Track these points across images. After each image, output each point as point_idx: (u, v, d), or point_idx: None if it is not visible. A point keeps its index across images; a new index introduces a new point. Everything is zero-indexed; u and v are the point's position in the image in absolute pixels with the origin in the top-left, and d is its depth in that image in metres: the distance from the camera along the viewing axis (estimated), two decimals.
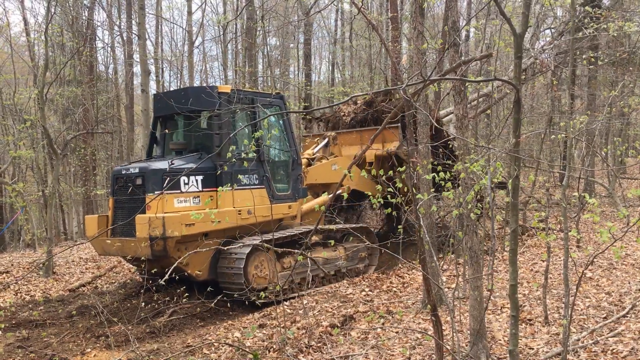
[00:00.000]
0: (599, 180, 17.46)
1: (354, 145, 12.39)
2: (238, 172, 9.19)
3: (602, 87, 17.07)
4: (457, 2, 6.56)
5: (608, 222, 3.84)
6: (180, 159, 9.18)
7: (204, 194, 9.06)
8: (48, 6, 13.56)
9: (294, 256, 9.24)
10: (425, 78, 4.24)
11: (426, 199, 5.04)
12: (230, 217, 8.96)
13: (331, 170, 11.64)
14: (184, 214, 8.43)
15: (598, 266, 9.44)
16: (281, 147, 10.64)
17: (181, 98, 9.45)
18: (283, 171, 10.44)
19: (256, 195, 9.48)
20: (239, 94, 9.59)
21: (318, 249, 10.22)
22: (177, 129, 10.27)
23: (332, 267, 10.29)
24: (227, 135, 9.11)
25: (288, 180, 10.41)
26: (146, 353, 7.02)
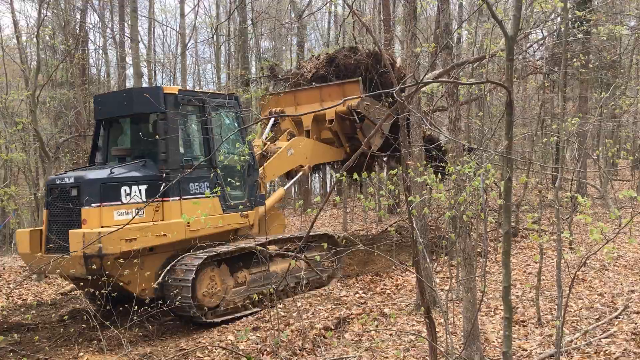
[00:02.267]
0: (591, 182, 17.55)
1: (314, 103, 11.83)
2: (187, 180, 8.58)
3: (593, 89, 17.16)
4: (450, 5, 6.58)
5: (600, 223, 3.86)
6: (122, 166, 8.35)
7: (149, 205, 8.22)
8: (39, 8, 13.51)
9: (249, 270, 8.86)
10: (418, 81, 4.25)
11: (418, 201, 5.04)
12: (177, 229, 8.21)
13: (287, 157, 10.92)
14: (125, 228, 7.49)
15: (591, 267, 9.49)
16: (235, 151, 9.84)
17: (123, 100, 8.85)
18: (238, 177, 9.59)
19: (207, 204, 8.65)
20: (187, 96, 8.89)
21: (277, 259, 9.39)
22: (122, 134, 9.52)
23: (291, 279, 9.51)
24: (173, 140, 8.47)
25: (244, 187, 9.65)
26: (139, 357, 6.99)
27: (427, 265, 6.67)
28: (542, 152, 19.27)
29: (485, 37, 11.60)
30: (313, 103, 11.78)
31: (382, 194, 5.71)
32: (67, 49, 19.74)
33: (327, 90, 11.67)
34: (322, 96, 11.72)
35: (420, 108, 9.82)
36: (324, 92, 11.75)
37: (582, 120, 9.55)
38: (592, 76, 15.94)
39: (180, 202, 8.51)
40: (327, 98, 11.56)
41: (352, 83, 11.36)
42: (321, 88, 11.86)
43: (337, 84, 11.64)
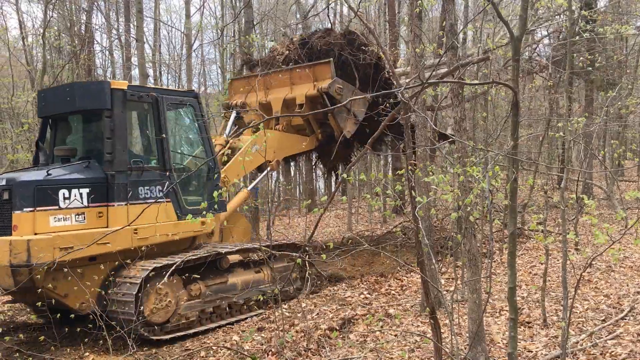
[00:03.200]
0: (597, 183, 17.49)
1: (284, 87, 11.11)
2: (136, 183, 7.90)
3: (599, 89, 17.11)
4: (455, 5, 6.57)
5: (605, 224, 3.85)
6: (63, 167, 7.70)
7: (91, 210, 7.56)
8: (45, 10, 13.57)
9: (205, 282, 8.19)
10: (423, 81, 4.24)
11: (425, 202, 5.04)
12: (122, 237, 7.49)
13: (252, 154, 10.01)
14: (59, 236, 7.07)
15: (596, 269, 9.45)
16: (194, 153, 9.30)
17: (66, 95, 8.10)
18: (196, 181, 9.02)
19: (159, 210, 7.95)
20: (137, 91, 8.17)
21: (238, 270, 8.79)
22: (70, 133, 8.83)
23: (253, 293, 8.68)
24: (121, 140, 7.77)
25: (202, 191, 8.91)
26: (144, 357, 7.01)
27: (432, 266, 6.66)
28: (548, 152, 19.23)
29: (490, 37, 11.58)
30: (283, 87, 11.11)
31: (388, 194, 5.70)
32: (73, 50, 19.81)
33: (298, 73, 10.95)
34: (292, 79, 11.04)
35: (425, 108, 9.81)
36: (294, 75, 11.04)
37: (587, 121, 9.52)
38: (598, 76, 15.89)
39: (127, 208, 7.77)
40: (298, 81, 10.94)
41: (323, 65, 10.71)
42: (291, 71, 11.13)
43: (307, 66, 10.98)
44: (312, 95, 10.58)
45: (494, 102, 12.48)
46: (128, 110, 8.06)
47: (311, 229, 9.50)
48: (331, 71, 10.50)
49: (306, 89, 10.66)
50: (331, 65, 10.54)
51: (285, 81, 11.07)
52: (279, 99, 10.91)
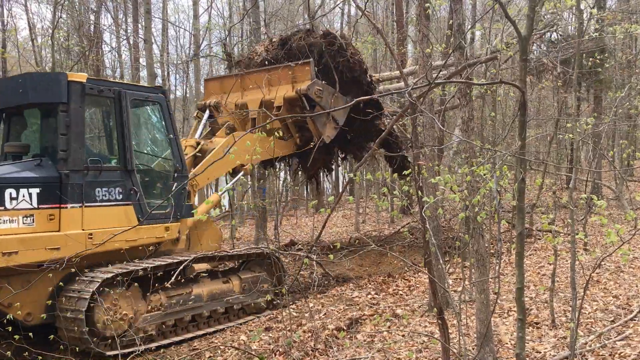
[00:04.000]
0: (606, 183, 17.39)
1: (261, 88, 10.61)
2: (93, 184, 7.32)
3: (608, 89, 17.02)
4: (462, 5, 6.56)
5: (616, 224, 3.83)
6: (12, 165, 7.15)
7: (41, 213, 6.94)
8: (54, 10, 13.64)
9: (167, 292, 7.61)
10: (431, 81, 4.24)
11: (432, 201, 5.03)
12: (75, 242, 6.92)
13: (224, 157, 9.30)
14: (3, 239, 6.53)
15: (605, 269, 9.40)
16: (160, 153, 8.74)
17: (19, 87, 7.53)
18: (161, 184, 8.42)
19: (118, 214, 7.51)
20: (98, 85, 7.58)
21: (204, 280, 8.24)
22: (26, 128, 8.28)
23: (220, 304, 8.24)
24: (77, 137, 7.20)
25: (168, 195, 8.30)
26: (152, 356, 7.04)
27: (439, 266, 6.65)
28: (557, 153, 19.15)
29: (497, 36, 11.54)
30: (260, 88, 10.57)
31: (395, 194, 5.70)
32: (82, 51, 19.91)
33: (276, 74, 10.44)
34: (270, 80, 10.53)
35: (434, 108, 9.78)
36: (272, 76, 10.52)
37: (596, 121, 9.48)
38: (606, 76, 15.81)
39: (82, 210, 7.18)
40: (276, 82, 10.45)
41: (303, 65, 10.25)
42: (270, 71, 10.63)
43: (286, 67, 10.46)
44: (290, 97, 10.14)
45: (502, 101, 12.45)
46: (87, 105, 7.48)
47: (319, 229, 9.43)
48: (311, 72, 10.10)
49: (284, 90, 10.25)
50: (311, 66, 10.14)
51: (262, 82, 10.58)
52: (256, 101, 10.40)
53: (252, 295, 8.61)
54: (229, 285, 8.51)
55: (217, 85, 11.26)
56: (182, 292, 7.81)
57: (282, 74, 10.42)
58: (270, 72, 10.62)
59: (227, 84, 10.98)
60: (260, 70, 10.86)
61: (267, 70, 10.72)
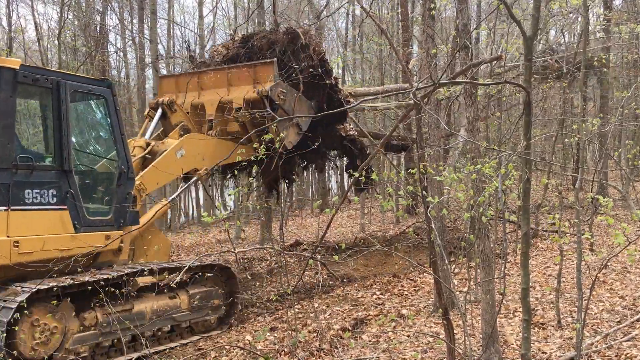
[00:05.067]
0: (612, 183, 17.33)
1: (220, 88, 9.85)
2: (22, 184, 6.47)
3: (614, 89, 16.96)
4: (468, 5, 6.55)
5: (622, 224, 3.82)
6: None
7: None
8: (61, 11, 13.71)
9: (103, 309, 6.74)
10: (435, 81, 4.24)
11: (436, 202, 5.02)
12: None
13: (176, 160, 8.69)
14: None
15: (612, 270, 9.36)
16: (103, 153, 7.92)
17: None
18: (103, 187, 7.63)
19: (51, 219, 6.70)
20: (32, 73, 6.72)
21: (148, 295, 7.41)
22: None
23: (165, 322, 7.48)
24: (6, 130, 6.41)
25: (110, 199, 7.46)
26: (158, 356, 7.06)
27: (445, 266, 6.64)
28: (563, 153, 19.10)
29: (504, 37, 11.52)
30: (219, 88, 9.82)
31: (400, 195, 5.69)
32: (88, 51, 19.99)
33: (236, 73, 9.74)
34: (229, 80, 9.79)
35: (441, 109, 9.77)
36: (232, 75, 9.80)
37: (602, 121, 9.44)
38: (612, 76, 15.75)
39: (8, 214, 6.33)
40: (236, 82, 9.75)
41: (265, 65, 9.58)
42: (229, 70, 9.89)
43: (247, 66, 9.82)
44: (251, 98, 9.38)
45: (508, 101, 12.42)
46: (19, 95, 6.69)
47: (324, 230, 9.41)
48: (274, 73, 9.44)
49: (245, 91, 9.54)
50: (274, 65, 9.50)
51: (221, 82, 9.87)
52: (214, 101, 9.69)
53: (201, 312, 7.90)
54: (176, 301, 7.69)
55: (173, 84, 10.45)
56: (122, 309, 6.93)
57: (242, 73, 9.75)
58: (230, 71, 9.89)
59: (183, 82, 10.27)
60: (219, 69, 10.14)
61: (227, 68, 9.98)
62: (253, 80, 9.58)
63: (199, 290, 7.99)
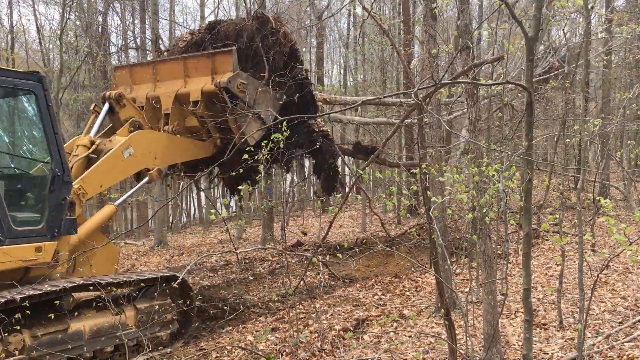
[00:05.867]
0: (614, 184, 17.32)
1: (177, 79, 9.05)
2: None
3: (616, 89, 16.95)
4: (469, 5, 6.55)
5: (623, 224, 3.82)
6: None
7: None
8: (63, 12, 13.72)
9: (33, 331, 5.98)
10: (437, 82, 4.24)
11: (440, 202, 5.02)
12: None
13: (123, 160, 7.81)
14: None
15: (613, 270, 9.36)
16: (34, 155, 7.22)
17: None
18: (33, 193, 6.83)
19: None
20: None
21: (88, 312, 6.49)
22: None
23: (106, 342, 6.61)
24: None
25: (42, 206, 6.65)
26: (160, 356, 7.06)
27: (447, 267, 6.64)
28: (564, 153, 19.09)
29: (506, 37, 11.51)
30: (176, 79, 9.05)
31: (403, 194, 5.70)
32: (89, 52, 20.02)
33: (194, 64, 8.95)
34: (187, 70, 8.99)
35: (440, 109, 9.75)
36: (189, 65, 8.99)
37: (604, 121, 9.44)
38: (614, 76, 15.75)
39: None
40: (194, 73, 8.97)
41: (224, 54, 8.81)
42: (186, 59, 9.07)
43: (205, 55, 9.05)
44: (209, 90, 8.65)
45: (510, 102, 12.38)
46: None
47: (325, 230, 9.35)
48: (233, 62, 8.64)
49: (203, 82, 8.77)
50: (233, 54, 8.69)
51: (178, 72, 9.05)
52: (170, 94, 8.88)
53: (151, 328, 7.06)
54: (121, 318, 6.83)
55: (127, 75, 9.54)
56: (55, 330, 6.15)
57: (200, 63, 8.97)
58: (187, 61, 9.06)
59: (138, 73, 9.45)
60: (176, 58, 9.28)
61: (184, 58, 9.13)
62: (212, 70, 8.82)
63: (148, 304, 7.17)
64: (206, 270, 12.68)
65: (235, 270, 12.51)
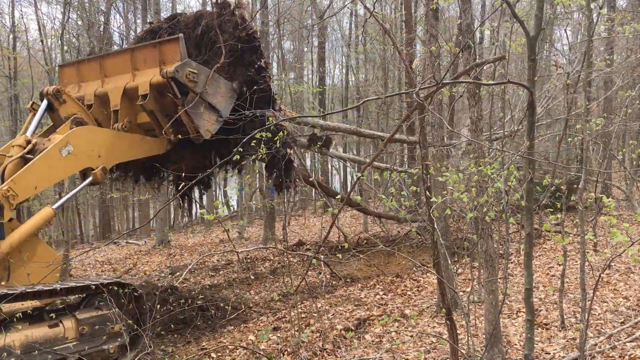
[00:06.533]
0: (616, 184, 17.30)
1: (125, 73, 8.50)
2: None
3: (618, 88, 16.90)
4: (471, 4, 6.55)
5: (624, 224, 3.81)
6: None
7: None
8: (64, 11, 13.73)
9: None
10: (438, 81, 4.23)
11: (440, 201, 5.01)
12: None
13: (60, 159, 7.21)
14: None
15: (615, 270, 9.34)
16: None
17: None
18: None
19: None
20: None
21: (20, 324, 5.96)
22: None
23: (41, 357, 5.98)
24: None
25: None
26: (161, 355, 7.07)
27: (448, 266, 6.64)
28: (566, 153, 19.07)
29: (507, 36, 11.49)
30: (124, 73, 8.49)
31: (403, 195, 5.69)
32: (92, 51, 20.03)
33: (141, 55, 8.40)
34: (135, 63, 8.43)
35: (442, 108, 9.73)
36: (137, 58, 8.43)
37: (606, 121, 9.42)
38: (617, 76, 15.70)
39: None
40: (142, 65, 8.41)
41: (171, 42, 8.24)
42: (133, 51, 8.51)
43: (151, 45, 8.47)
44: (157, 82, 8.05)
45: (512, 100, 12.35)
46: None
47: (327, 229, 9.24)
48: (180, 51, 8.07)
49: (151, 74, 8.18)
50: (180, 42, 8.12)
51: (125, 66, 8.49)
52: (118, 89, 8.31)
53: (95, 340, 6.46)
54: (59, 330, 6.22)
55: (74, 72, 8.99)
56: None
57: (148, 54, 8.40)
58: (134, 52, 8.53)
59: (85, 70, 8.86)
60: (123, 51, 8.80)
61: (131, 50, 8.60)
62: (160, 61, 8.25)
63: (90, 315, 6.55)
64: (208, 269, 12.69)
65: (236, 270, 12.51)
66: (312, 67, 29.16)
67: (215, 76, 8.47)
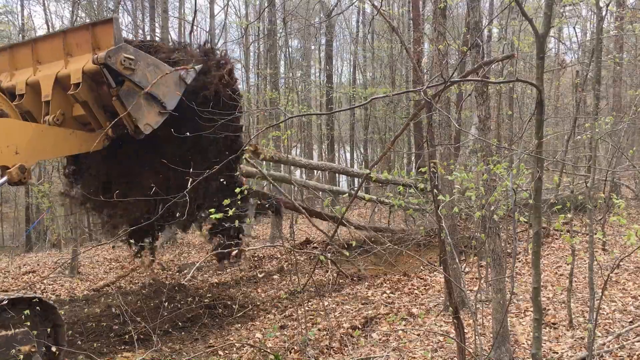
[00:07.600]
0: (626, 183, 17.20)
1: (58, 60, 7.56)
2: None
3: (627, 87, 16.81)
4: (480, 2, 6.52)
5: (635, 225, 3.78)
6: None
7: None
8: (73, 9, 13.79)
9: None
10: (446, 79, 4.22)
11: (448, 200, 5.00)
12: None
13: None
14: None
15: (624, 269, 9.29)
16: None
17: None
18: None
19: None
20: None
21: None
22: None
23: None
24: None
25: None
26: (169, 353, 7.09)
27: (455, 265, 6.62)
28: (574, 152, 18.97)
29: (516, 34, 11.44)
30: (57, 60, 7.53)
31: (411, 193, 5.68)
32: None
33: (74, 39, 7.43)
34: (68, 48, 7.46)
35: (450, 108, 9.70)
36: (70, 42, 7.46)
37: (616, 119, 9.36)
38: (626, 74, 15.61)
39: None
40: (75, 51, 7.45)
41: (104, 24, 7.27)
42: (65, 34, 7.54)
43: (84, 27, 7.50)
44: (90, 70, 7.06)
45: (520, 99, 12.32)
46: None
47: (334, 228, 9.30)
48: (114, 34, 7.07)
49: (85, 61, 7.22)
50: (114, 23, 7.17)
51: (59, 51, 7.54)
52: (50, 77, 7.34)
53: None
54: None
55: (7, 59, 8.02)
56: None
57: (81, 38, 7.44)
58: (66, 36, 7.56)
59: (19, 56, 7.96)
60: (55, 34, 7.84)
61: (64, 33, 7.65)
62: (93, 45, 7.31)
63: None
64: (215, 267, 12.71)
65: (244, 268, 12.52)
66: (319, 65, 29.14)
67: (157, 62, 7.47)
